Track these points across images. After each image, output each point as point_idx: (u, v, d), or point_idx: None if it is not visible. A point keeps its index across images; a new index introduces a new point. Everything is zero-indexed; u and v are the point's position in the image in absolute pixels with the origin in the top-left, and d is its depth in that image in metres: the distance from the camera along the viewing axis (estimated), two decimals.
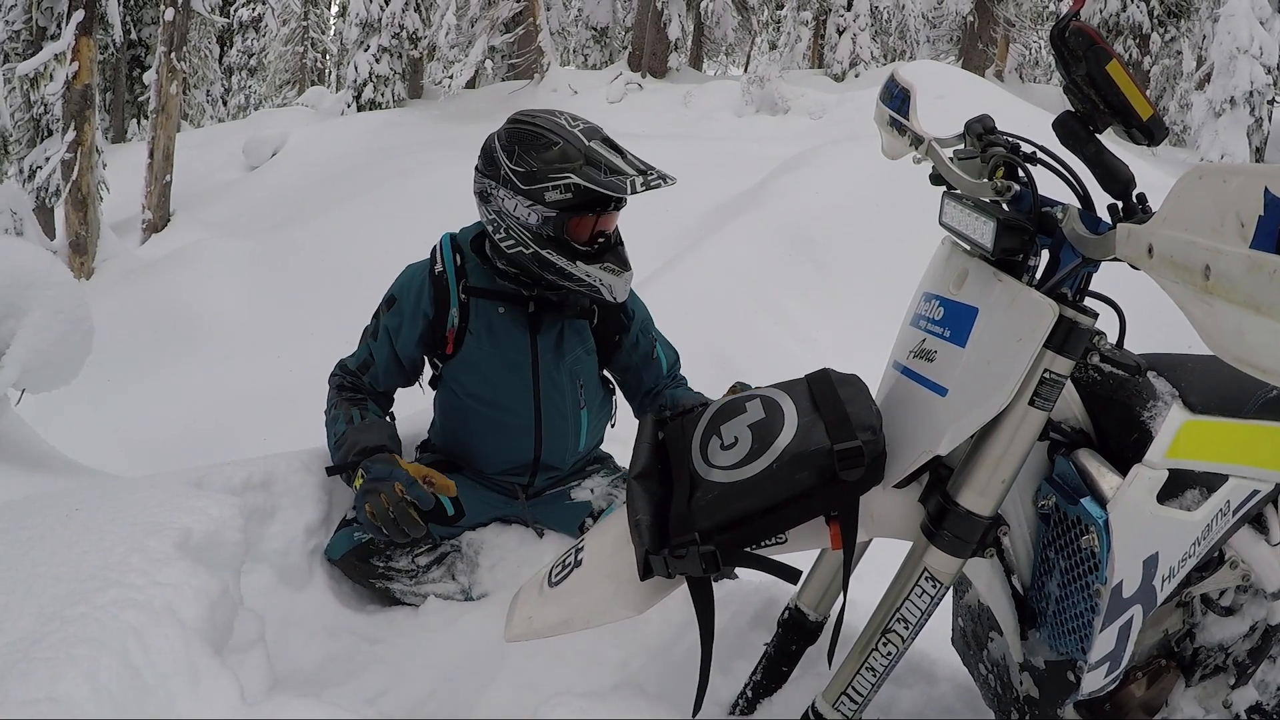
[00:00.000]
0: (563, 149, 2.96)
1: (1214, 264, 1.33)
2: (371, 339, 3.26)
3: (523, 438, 3.28)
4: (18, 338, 3.77)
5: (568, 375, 3.28)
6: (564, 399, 3.29)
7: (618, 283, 3.10)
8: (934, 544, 1.96)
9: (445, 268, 3.20)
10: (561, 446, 3.33)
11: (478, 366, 3.22)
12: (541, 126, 3.02)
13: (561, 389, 3.27)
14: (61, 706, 1.77)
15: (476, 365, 3.22)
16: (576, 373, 3.31)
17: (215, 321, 10.17)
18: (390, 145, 17.79)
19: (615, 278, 3.08)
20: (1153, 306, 2.80)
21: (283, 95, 39.28)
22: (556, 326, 3.24)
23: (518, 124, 3.07)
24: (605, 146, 2.99)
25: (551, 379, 3.24)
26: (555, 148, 2.96)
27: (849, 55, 24.99)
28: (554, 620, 2.05)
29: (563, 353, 3.26)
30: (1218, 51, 18.87)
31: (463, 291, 3.19)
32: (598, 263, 3.05)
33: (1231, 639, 2.38)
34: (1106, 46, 1.78)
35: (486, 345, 3.20)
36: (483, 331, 3.20)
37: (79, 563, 2.17)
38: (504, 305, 3.20)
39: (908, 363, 2.09)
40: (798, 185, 9.42)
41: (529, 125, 3.04)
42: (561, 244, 3.02)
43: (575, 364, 3.30)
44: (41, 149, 14.59)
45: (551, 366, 3.24)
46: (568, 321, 3.27)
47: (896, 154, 2.33)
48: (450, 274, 3.19)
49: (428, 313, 3.19)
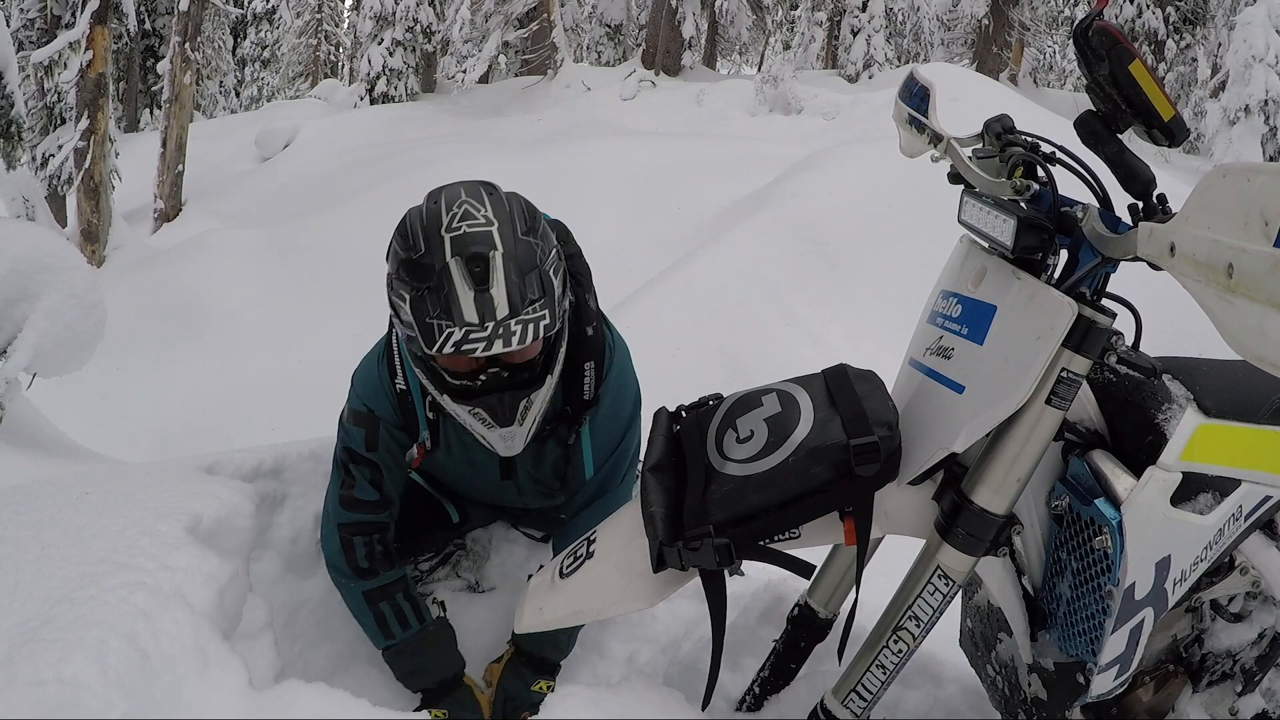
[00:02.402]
0: (417, 260, 2.27)
1: (1237, 262, 1.33)
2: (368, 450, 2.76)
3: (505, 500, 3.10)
4: (30, 322, 3.78)
5: (550, 473, 2.89)
6: (550, 490, 2.96)
7: (492, 437, 2.50)
8: (947, 541, 1.95)
9: (409, 385, 2.70)
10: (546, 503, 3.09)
11: (450, 471, 2.94)
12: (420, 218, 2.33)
13: (546, 483, 2.93)
14: (69, 688, 1.77)
15: (449, 471, 2.93)
16: (557, 465, 2.87)
17: (226, 311, 10.18)
18: (402, 139, 17.83)
19: (487, 430, 2.48)
20: (1167, 311, 2.80)
21: (296, 87, 39.31)
22: (530, 448, 2.68)
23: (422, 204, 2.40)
24: (466, 272, 2.21)
25: (531, 478, 2.90)
26: (414, 257, 2.28)
27: (863, 57, 24.99)
28: (564, 611, 2.05)
29: (542, 459, 2.83)
30: (1233, 59, 18.85)
31: (430, 410, 2.71)
32: (467, 403, 2.44)
33: (1240, 646, 2.37)
34: (1130, 46, 1.78)
35: (458, 457, 2.82)
36: (455, 449, 2.80)
37: (89, 546, 2.17)
38: None
39: (924, 360, 2.09)
40: (810, 185, 9.43)
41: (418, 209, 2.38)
42: (430, 369, 2.46)
43: (558, 464, 2.86)
44: (54, 137, 14.65)
45: (530, 472, 2.87)
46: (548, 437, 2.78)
47: (915, 152, 2.32)
48: (415, 393, 2.70)
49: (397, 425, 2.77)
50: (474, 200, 2.32)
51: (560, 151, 13.35)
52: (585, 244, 2.81)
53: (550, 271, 2.33)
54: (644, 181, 11.56)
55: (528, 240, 2.31)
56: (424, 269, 2.24)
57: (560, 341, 2.50)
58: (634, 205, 10.91)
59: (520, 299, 2.23)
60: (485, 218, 2.28)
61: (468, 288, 2.20)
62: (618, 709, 2.16)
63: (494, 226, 2.27)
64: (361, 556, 2.78)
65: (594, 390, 2.71)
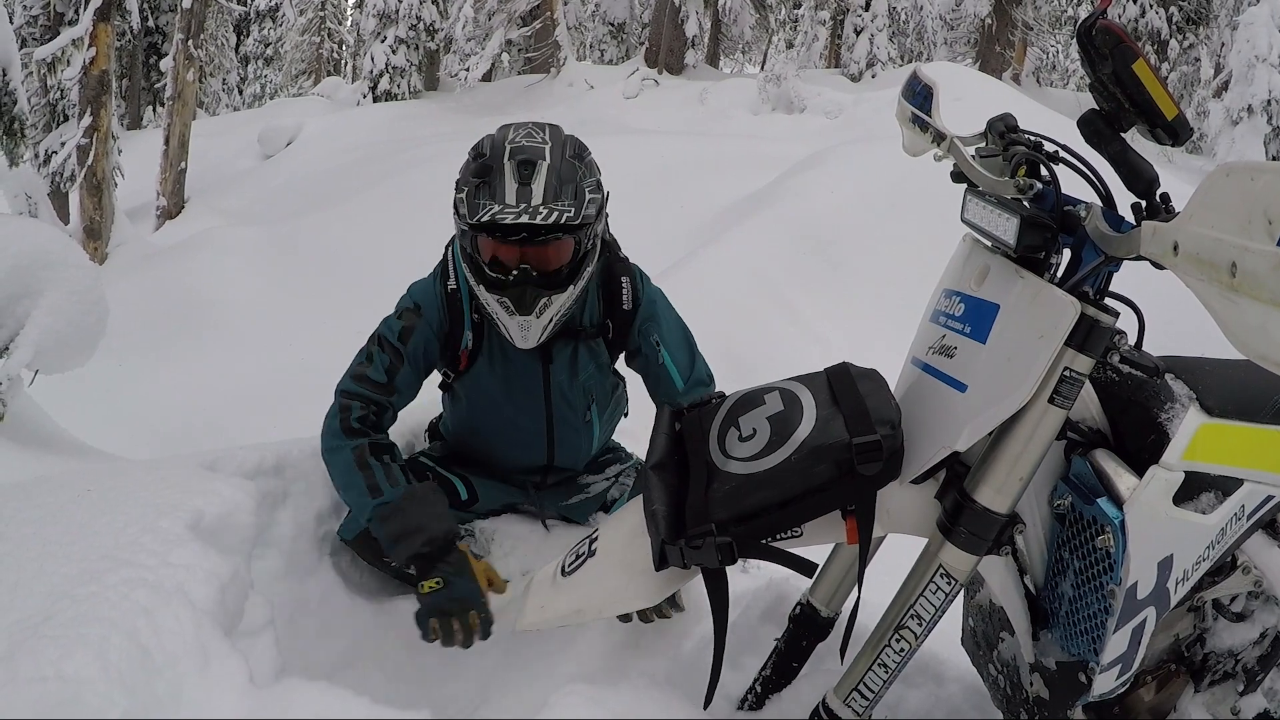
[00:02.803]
0: (481, 163, 2.75)
1: (1241, 261, 1.33)
2: (401, 341, 3.00)
3: (534, 447, 3.21)
4: (32, 318, 3.77)
5: (581, 393, 3.16)
6: (577, 415, 3.19)
7: (511, 325, 2.84)
8: (950, 540, 1.95)
9: (459, 284, 3.02)
10: (574, 454, 3.30)
11: (489, 387, 3.11)
12: (491, 137, 2.85)
13: (575, 407, 3.17)
14: (70, 685, 1.77)
15: (488, 386, 3.11)
16: (590, 389, 3.18)
17: (228, 308, 10.18)
18: (405, 137, 17.82)
19: (509, 317, 2.83)
20: (1169, 311, 2.79)
21: (299, 85, 39.28)
22: (569, 348, 3.07)
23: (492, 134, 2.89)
24: (516, 169, 2.70)
25: (565, 398, 3.14)
26: (479, 160, 2.77)
27: (866, 56, 24.97)
28: (566, 609, 2.05)
29: (577, 373, 3.12)
30: (1236, 59, 18.83)
31: (475, 311, 3.02)
32: (496, 293, 2.80)
33: (1242, 645, 2.37)
34: (1133, 45, 1.78)
35: (499, 367, 3.07)
36: (495, 355, 3.06)
37: (90, 542, 2.17)
38: None
39: (927, 359, 2.09)
40: (813, 184, 9.42)
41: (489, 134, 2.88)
42: (472, 261, 2.84)
43: (589, 382, 3.16)
44: (57, 134, 14.62)
45: (565, 387, 3.12)
46: (581, 343, 3.09)
47: (918, 151, 2.32)
48: (464, 291, 3.01)
49: (444, 326, 3.03)
50: (537, 128, 2.86)
51: None
52: None
53: (585, 188, 2.79)
54: (647, 180, 11.53)
55: (573, 162, 2.80)
56: (485, 169, 2.73)
57: (588, 260, 2.89)
58: (636, 203, 10.87)
59: (554, 195, 2.70)
60: (542, 139, 2.80)
61: (514, 181, 2.69)
62: (619, 708, 2.16)
63: (547, 145, 2.78)
64: (355, 418, 2.93)
65: (632, 302, 3.14)
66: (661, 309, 3.22)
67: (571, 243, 2.81)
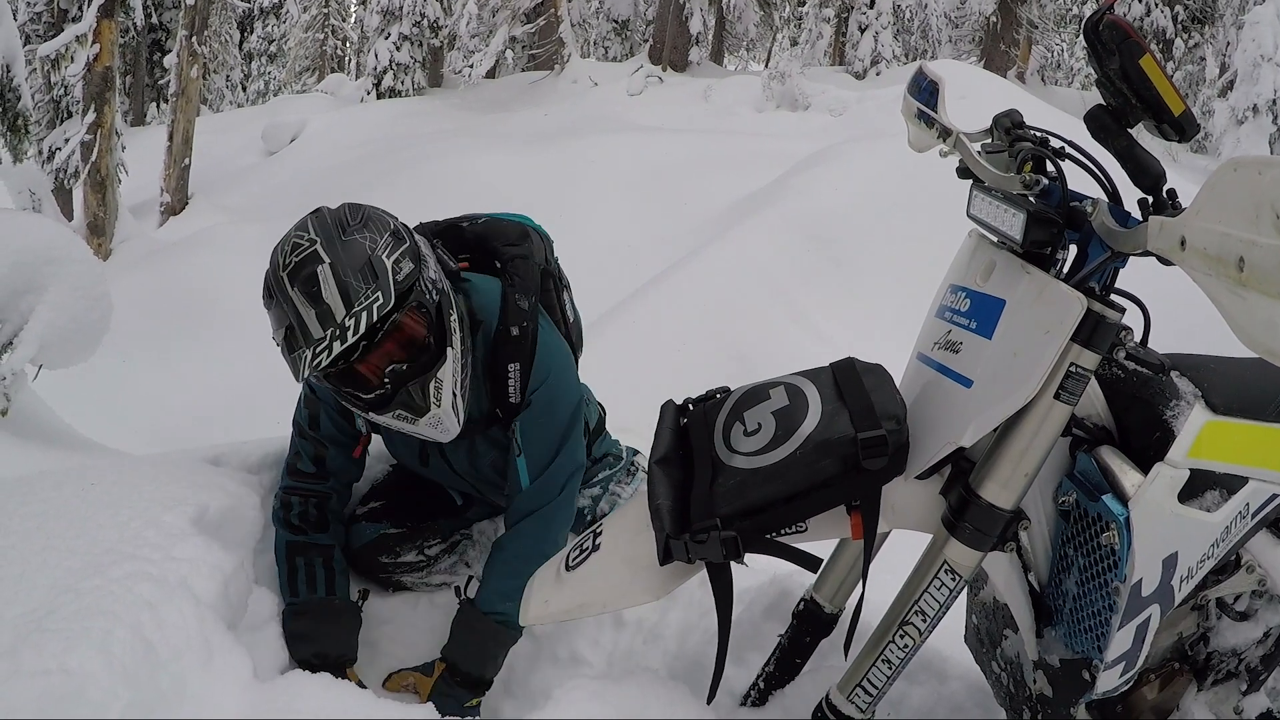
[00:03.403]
0: (270, 302, 2.45)
1: (1248, 256, 1.33)
2: (311, 428, 2.87)
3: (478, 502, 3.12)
4: (36, 313, 3.77)
5: (492, 471, 2.94)
6: (494, 486, 2.99)
7: (424, 429, 2.61)
8: (955, 536, 1.95)
9: None
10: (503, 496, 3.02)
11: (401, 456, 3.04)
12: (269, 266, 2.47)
13: (492, 482, 2.97)
14: (74, 678, 1.77)
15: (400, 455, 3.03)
16: (498, 464, 2.91)
17: (231, 305, 10.15)
18: (409, 133, 17.82)
19: (415, 426, 2.59)
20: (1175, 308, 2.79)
21: (302, 82, 39.26)
22: (464, 445, 2.86)
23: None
24: (301, 292, 2.36)
25: (479, 476, 2.97)
26: (271, 302, 2.44)
27: (870, 53, 24.94)
28: (570, 604, 2.05)
29: (476, 457, 2.91)
30: (1241, 59, 18.82)
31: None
32: (385, 411, 2.55)
33: (1245, 644, 2.37)
34: (1140, 40, 1.77)
35: (401, 449, 2.98)
36: (395, 439, 2.92)
37: (94, 536, 2.18)
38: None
39: (932, 354, 2.08)
40: (817, 182, 9.41)
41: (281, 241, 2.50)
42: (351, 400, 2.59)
43: (497, 462, 2.91)
44: (61, 130, 14.60)
45: (468, 471, 2.95)
46: (476, 436, 2.86)
47: (924, 147, 2.32)
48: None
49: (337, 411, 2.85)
50: (299, 230, 2.46)
51: (567, 147, 13.34)
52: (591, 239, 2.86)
53: (383, 255, 2.44)
54: (651, 177, 11.55)
55: (352, 239, 2.43)
56: (274, 302, 2.42)
57: (446, 311, 2.58)
58: (641, 200, 10.90)
59: (355, 295, 2.35)
60: (309, 239, 2.42)
61: (306, 305, 2.35)
62: (622, 703, 2.16)
63: (317, 243, 2.41)
64: (295, 515, 2.84)
65: (519, 393, 2.77)
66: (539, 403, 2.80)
67: (415, 316, 2.50)
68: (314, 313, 2.34)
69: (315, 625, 2.72)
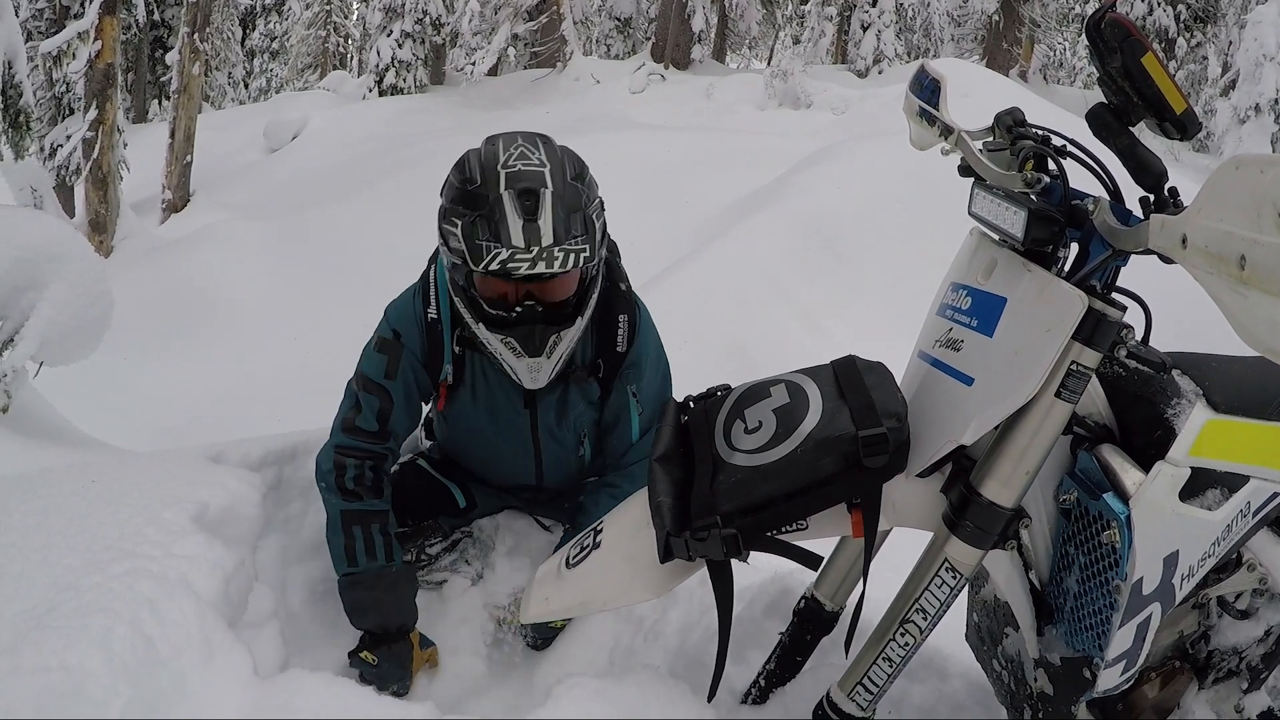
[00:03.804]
0: (474, 191, 2.50)
1: (1250, 254, 1.33)
2: (386, 378, 2.83)
3: (523, 473, 3.09)
4: (37, 310, 3.76)
5: (570, 431, 2.98)
6: (566, 450, 3.02)
7: (520, 368, 2.65)
8: (955, 534, 1.95)
9: (440, 314, 2.81)
10: (564, 479, 3.15)
11: (472, 422, 2.96)
12: (479, 155, 2.59)
13: (563, 442, 3.00)
14: (74, 675, 1.78)
15: (471, 421, 2.96)
16: (580, 426, 2.99)
17: (233, 302, 10.19)
18: (411, 131, 17.82)
19: (516, 360, 2.64)
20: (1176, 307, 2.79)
21: (304, 79, 39.27)
22: (558, 391, 2.88)
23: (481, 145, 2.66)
24: (517, 202, 2.44)
25: (553, 436, 2.97)
26: (470, 188, 2.51)
27: (873, 52, 24.95)
28: (571, 602, 2.05)
29: (566, 413, 2.93)
30: (1244, 58, 18.80)
31: (457, 344, 2.82)
32: (499, 332, 2.60)
33: (1246, 643, 2.37)
34: (1142, 39, 1.77)
35: (483, 403, 2.91)
36: (479, 389, 2.89)
37: (95, 533, 2.18)
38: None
39: (934, 352, 2.08)
40: (819, 180, 9.41)
41: (473, 151, 2.64)
42: (471, 300, 2.63)
43: (579, 420, 2.97)
44: (63, 127, 14.61)
45: (553, 427, 2.95)
46: (572, 383, 2.89)
47: (925, 145, 2.32)
48: (445, 322, 2.81)
49: (425, 355, 2.84)
50: (529, 145, 2.59)
51: (569, 144, 13.30)
52: None
53: (593, 215, 2.56)
54: (653, 175, 11.54)
55: (575, 185, 2.55)
56: (478, 198, 2.47)
57: (593, 287, 2.69)
58: (643, 198, 10.88)
59: (564, 231, 2.45)
60: (539, 160, 2.54)
61: (518, 216, 2.43)
62: (623, 701, 2.16)
63: (546, 168, 2.52)
64: (350, 478, 2.81)
65: (627, 343, 2.89)
66: (650, 361, 2.99)
67: (578, 273, 2.62)
68: (523, 224, 2.43)
69: (376, 595, 2.74)
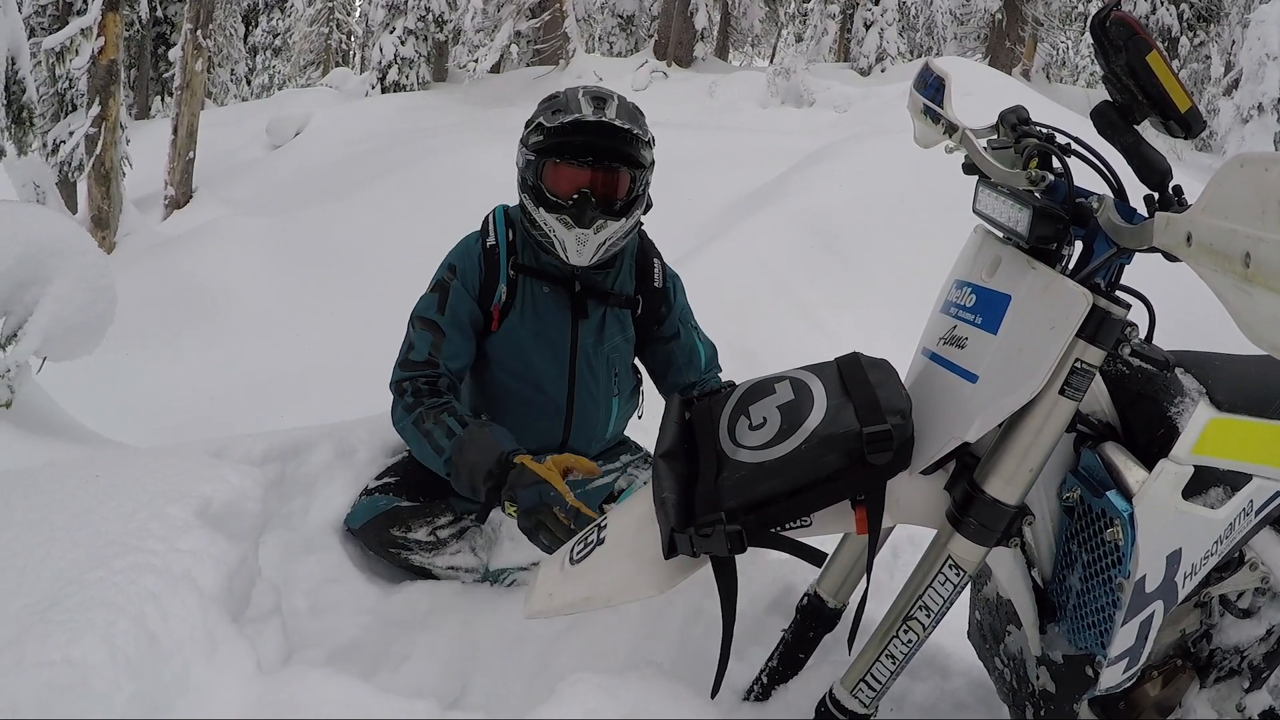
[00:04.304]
0: (557, 100, 3.05)
1: (1254, 252, 1.33)
2: (438, 313, 3.12)
3: (553, 419, 3.26)
4: (40, 305, 3.78)
5: (604, 363, 3.27)
6: (598, 385, 3.28)
7: (569, 238, 3.03)
8: (959, 531, 1.95)
9: (498, 241, 3.18)
10: (590, 432, 3.32)
11: (518, 344, 3.19)
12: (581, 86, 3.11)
13: (597, 375, 3.27)
14: (77, 669, 1.77)
15: (517, 343, 3.19)
16: (613, 360, 3.30)
17: (235, 298, 10.17)
18: (413, 128, 17.82)
19: (566, 231, 3.02)
20: (1179, 306, 2.79)
21: (307, 76, 39.32)
22: (599, 312, 3.22)
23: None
24: (590, 98, 3.00)
25: (589, 363, 3.24)
26: (555, 99, 3.06)
27: (875, 50, 24.99)
28: (574, 598, 2.04)
29: (603, 339, 3.25)
30: (1247, 57, 18.79)
31: (512, 268, 3.17)
32: (556, 212, 3.01)
33: (1248, 642, 2.37)
34: (1147, 37, 1.77)
35: (530, 323, 3.18)
36: (527, 309, 3.18)
37: (98, 528, 2.17)
38: (549, 285, 3.18)
39: (938, 349, 2.08)
40: (821, 178, 9.40)
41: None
42: (536, 191, 3.05)
43: (613, 351, 3.29)
44: (65, 123, 14.60)
45: (590, 351, 3.23)
46: (610, 309, 3.25)
47: (929, 143, 2.32)
48: (502, 248, 3.17)
49: (480, 281, 3.15)
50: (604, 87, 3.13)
51: None
52: None
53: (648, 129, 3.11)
54: (656, 172, 11.54)
55: (635, 111, 3.11)
56: (557, 101, 3.04)
57: (639, 202, 3.15)
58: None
59: (628, 117, 3.02)
60: (608, 90, 3.09)
61: (588, 105, 2.97)
62: (626, 697, 2.16)
63: (615, 92, 3.10)
64: (409, 394, 3.06)
65: (663, 278, 3.37)
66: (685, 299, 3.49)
67: (628, 177, 3.07)
68: (592, 108, 2.96)
69: (471, 456, 2.85)
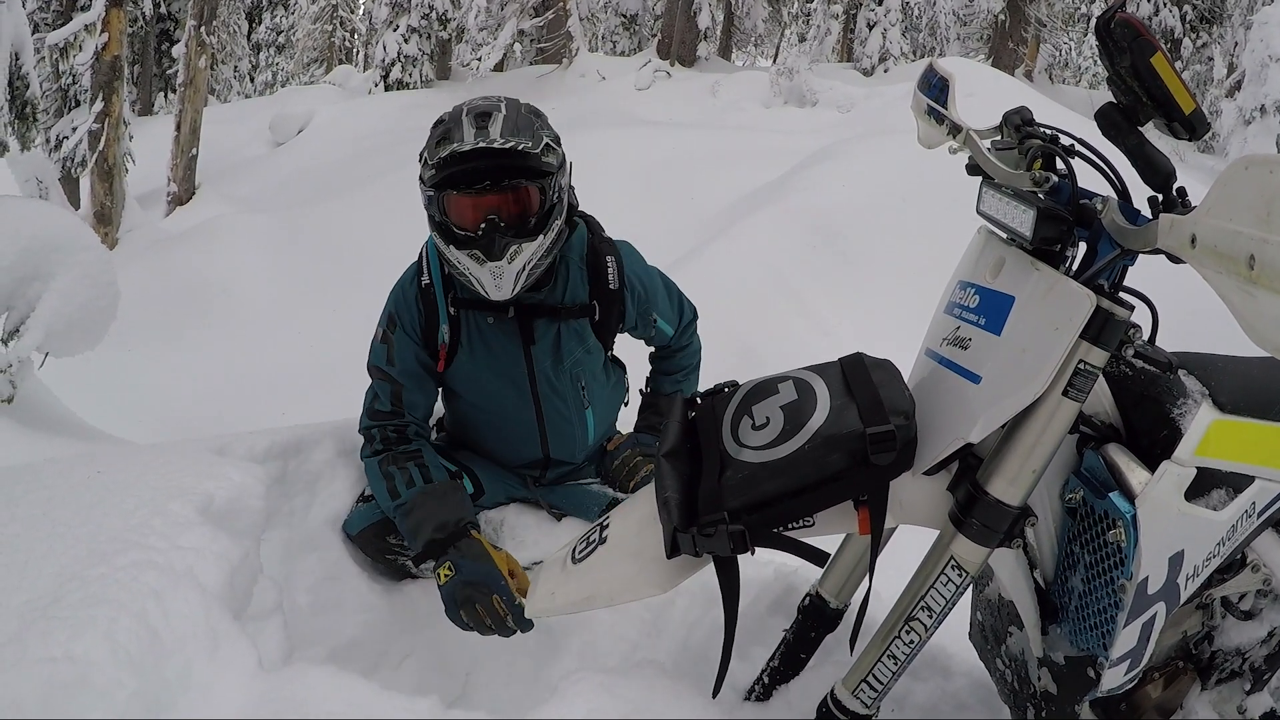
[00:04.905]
0: (440, 127, 2.84)
1: (1259, 253, 1.33)
2: (388, 365, 3.07)
3: (527, 439, 3.22)
4: (43, 301, 3.78)
5: (568, 380, 3.16)
6: (566, 404, 3.19)
7: (484, 275, 2.84)
8: (961, 532, 1.95)
9: (432, 279, 3.05)
10: (569, 445, 3.28)
11: (473, 379, 3.12)
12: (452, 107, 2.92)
13: (564, 395, 3.17)
14: (79, 665, 1.77)
15: (472, 378, 3.12)
16: (578, 375, 3.17)
17: (238, 295, 10.18)
18: (416, 125, 17.77)
19: (479, 268, 2.82)
20: (1182, 308, 2.79)
21: (310, 73, 39.34)
22: (552, 332, 3.07)
23: None
24: (472, 119, 2.78)
25: (551, 385, 3.13)
26: (439, 124, 2.85)
27: (878, 50, 24.97)
28: (576, 597, 2.05)
29: (561, 357, 3.11)
30: (1250, 59, 18.73)
31: (451, 305, 3.04)
32: (466, 248, 2.82)
33: (1249, 644, 2.37)
34: (1152, 39, 1.77)
35: (481, 358, 3.08)
36: (476, 345, 3.07)
37: (100, 524, 2.17)
38: (493, 316, 3.03)
39: (941, 350, 2.08)
40: (824, 178, 9.40)
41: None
42: (443, 228, 2.87)
43: (575, 367, 3.15)
44: (69, 119, 14.62)
45: (550, 374, 3.11)
46: (564, 324, 3.08)
47: (933, 143, 2.32)
48: (437, 285, 3.04)
49: (420, 326, 3.06)
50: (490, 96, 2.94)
51: (574, 141, 13.21)
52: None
53: (543, 134, 2.86)
54: (658, 171, 11.53)
55: (529, 115, 2.90)
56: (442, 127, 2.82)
57: (555, 211, 2.90)
58: (647, 195, 10.88)
59: (511, 132, 2.77)
60: (496, 100, 2.89)
61: (471, 128, 2.76)
62: (628, 696, 2.16)
63: (502, 103, 2.86)
64: (378, 440, 3.07)
65: (619, 279, 3.15)
66: (650, 286, 3.31)
67: (535, 192, 2.85)
68: (474, 131, 2.75)
69: (426, 509, 2.86)
